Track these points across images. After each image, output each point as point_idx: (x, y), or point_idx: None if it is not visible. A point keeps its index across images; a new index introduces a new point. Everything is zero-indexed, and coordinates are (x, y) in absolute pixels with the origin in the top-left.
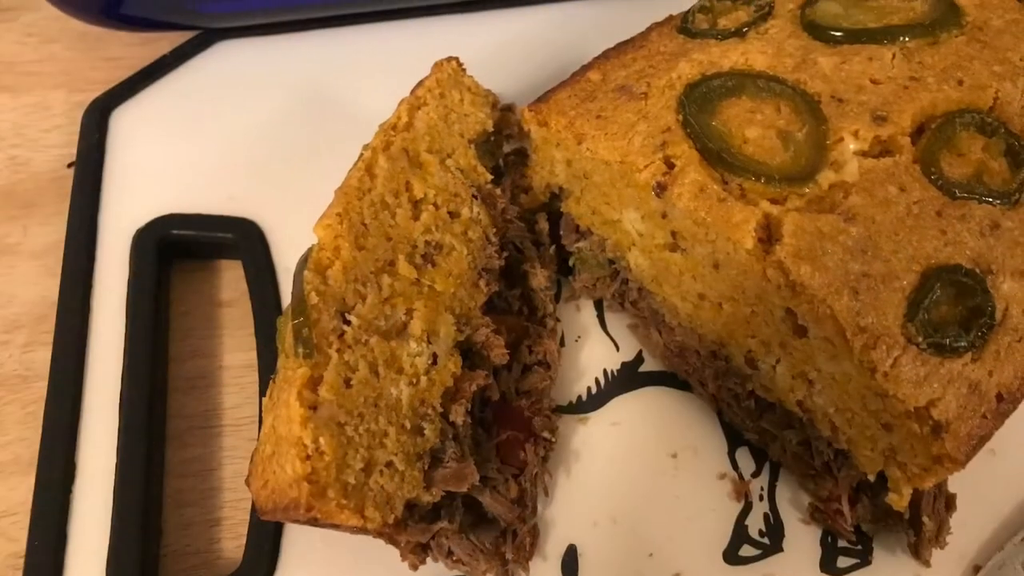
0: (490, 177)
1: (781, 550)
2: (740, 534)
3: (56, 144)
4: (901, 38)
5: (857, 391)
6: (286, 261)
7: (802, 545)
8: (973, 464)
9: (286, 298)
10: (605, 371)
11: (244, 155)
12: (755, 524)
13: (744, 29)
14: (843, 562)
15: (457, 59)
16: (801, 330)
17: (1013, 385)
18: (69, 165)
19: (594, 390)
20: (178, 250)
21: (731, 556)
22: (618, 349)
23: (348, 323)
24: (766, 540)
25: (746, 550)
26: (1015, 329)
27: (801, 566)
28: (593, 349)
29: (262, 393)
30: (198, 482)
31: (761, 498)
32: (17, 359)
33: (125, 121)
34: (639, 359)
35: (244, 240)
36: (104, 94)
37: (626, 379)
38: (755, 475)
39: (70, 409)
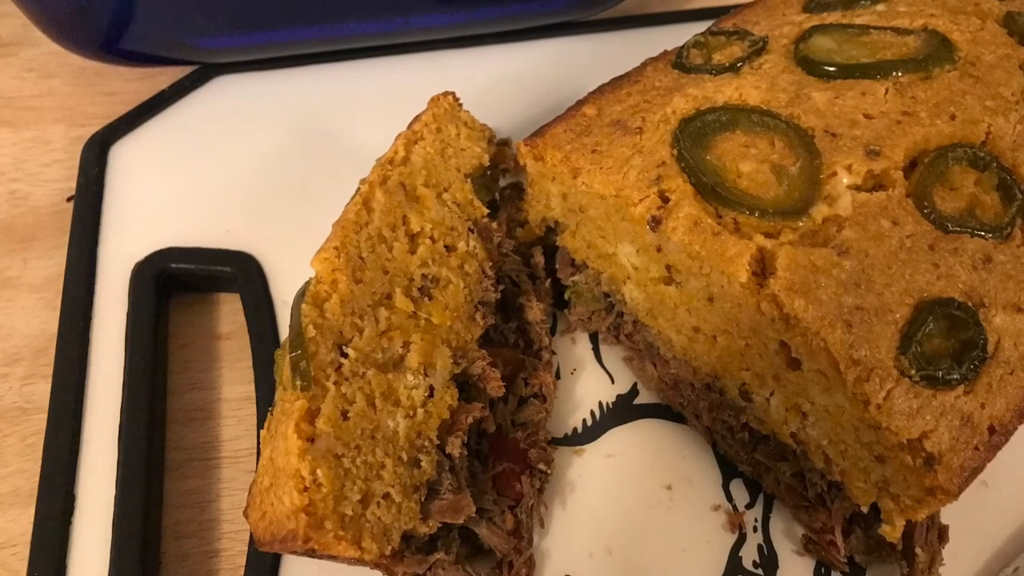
0: (486, 211)
1: None
2: (734, 565)
3: (56, 178)
4: (894, 73)
5: (850, 423)
6: (284, 294)
7: None
8: (966, 496)
9: (284, 331)
10: (600, 403)
11: (242, 189)
12: (749, 555)
13: (738, 64)
14: None
15: (453, 94)
16: (795, 363)
17: (1005, 417)
18: (69, 199)
19: (589, 422)
20: (177, 283)
21: None
22: (613, 382)
23: (345, 356)
24: (760, 571)
25: None
26: (1007, 362)
27: None
28: (588, 382)
29: (260, 425)
30: (196, 514)
31: (755, 529)
32: (17, 391)
33: (124, 155)
34: (634, 391)
35: (242, 273)
36: (103, 129)
37: (621, 411)
38: (749, 507)
39: (69, 441)
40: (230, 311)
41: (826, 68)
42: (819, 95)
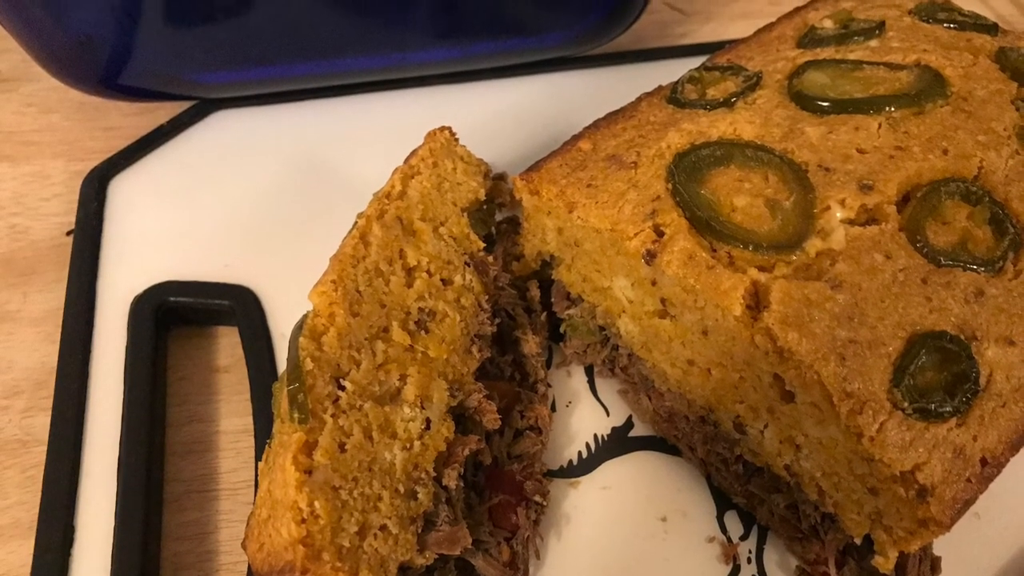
0: (482, 245)
1: None
2: None
3: (55, 212)
4: (887, 108)
5: (844, 455)
6: (282, 327)
7: None
8: (958, 527)
9: (282, 364)
10: (596, 436)
11: (240, 223)
12: None
13: (732, 99)
14: None
15: (450, 128)
16: (788, 395)
17: (997, 450)
18: (68, 233)
19: (585, 454)
20: (175, 317)
21: None
22: (608, 414)
23: (343, 388)
24: None
25: None
26: (999, 395)
27: None
28: (584, 414)
29: (258, 457)
30: (195, 545)
31: (749, 561)
32: (17, 424)
33: (123, 190)
34: (629, 424)
35: (240, 307)
36: (103, 163)
37: (616, 444)
38: (743, 538)
39: (69, 473)
40: (228, 344)
41: (820, 103)
42: (813, 130)
